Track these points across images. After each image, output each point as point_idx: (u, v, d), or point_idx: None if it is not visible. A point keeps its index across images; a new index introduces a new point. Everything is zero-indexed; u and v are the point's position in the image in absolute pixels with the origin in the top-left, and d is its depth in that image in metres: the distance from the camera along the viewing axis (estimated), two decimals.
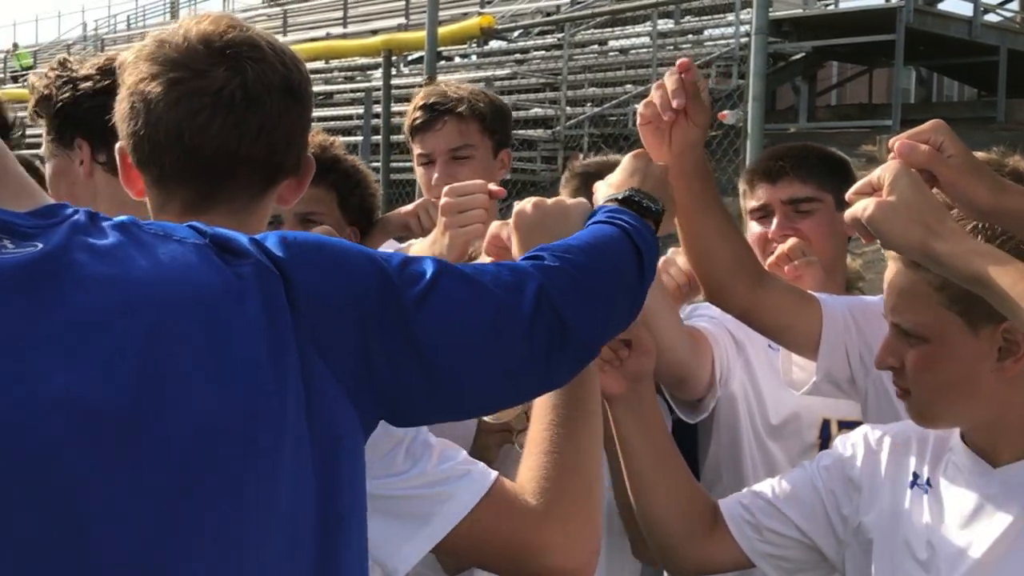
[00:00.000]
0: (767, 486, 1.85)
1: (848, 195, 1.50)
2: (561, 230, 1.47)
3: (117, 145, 1.46)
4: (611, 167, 1.93)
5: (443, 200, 2.03)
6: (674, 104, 1.78)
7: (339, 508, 1.10)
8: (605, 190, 1.62)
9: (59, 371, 0.94)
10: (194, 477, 0.99)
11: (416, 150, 2.63)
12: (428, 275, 1.17)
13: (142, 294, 1.00)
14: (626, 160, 1.67)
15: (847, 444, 1.80)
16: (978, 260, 1.35)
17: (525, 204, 1.56)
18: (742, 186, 2.50)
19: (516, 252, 1.53)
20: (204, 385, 1.00)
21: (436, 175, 2.52)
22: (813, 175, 2.43)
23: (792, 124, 12.16)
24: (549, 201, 1.55)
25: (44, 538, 0.93)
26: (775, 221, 2.41)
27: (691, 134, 1.84)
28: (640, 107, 1.85)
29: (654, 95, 1.83)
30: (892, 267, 1.62)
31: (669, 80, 1.81)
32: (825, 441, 2.29)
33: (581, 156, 2.68)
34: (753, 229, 2.44)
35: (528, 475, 1.41)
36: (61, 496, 0.93)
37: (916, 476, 1.70)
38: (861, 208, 1.44)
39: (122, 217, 1.08)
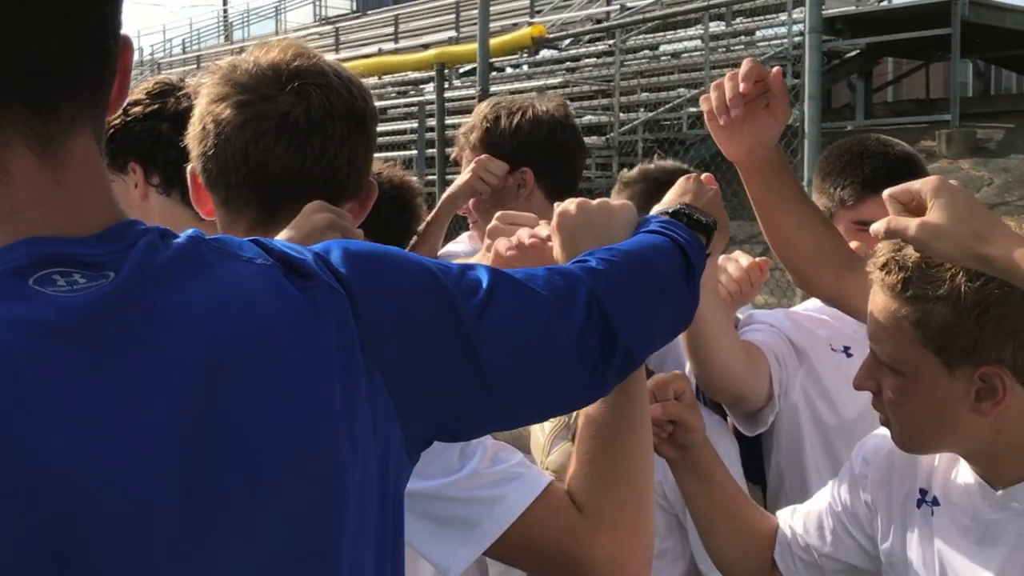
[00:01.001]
0: (800, 521, 1.83)
1: (885, 195, 1.47)
2: (606, 232, 1.45)
3: (188, 166, 1.50)
4: (661, 178, 1.94)
5: (492, 224, 2.07)
6: (732, 114, 1.78)
7: (395, 534, 1.09)
8: (657, 207, 1.59)
9: (128, 425, 0.90)
10: (267, 521, 0.96)
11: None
12: (485, 285, 1.16)
13: (209, 330, 0.96)
14: (679, 181, 1.64)
15: (859, 459, 1.77)
16: None
17: (568, 204, 1.52)
18: (844, 191, 2.43)
19: (557, 252, 1.51)
20: (273, 423, 0.97)
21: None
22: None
23: (849, 122, 12.04)
24: (594, 202, 1.51)
25: None
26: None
27: (769, 132, 1.83)
28: (701, 102, 1.85)
29: (711, 94, 1.83)
30: (875, 293, 1.58)
31: (728, 84, 1.80)
32: None
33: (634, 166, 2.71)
34: (851, 239, 2.31)
35: (577, 483, 1.39)
36: (141, 556, 0.90)
37: (924, 492, 1.67)
38: (905, 226, 1.42)
39: (189, 232, 1.05)
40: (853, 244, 2.34)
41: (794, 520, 1.85)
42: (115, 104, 1.06)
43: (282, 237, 1.55)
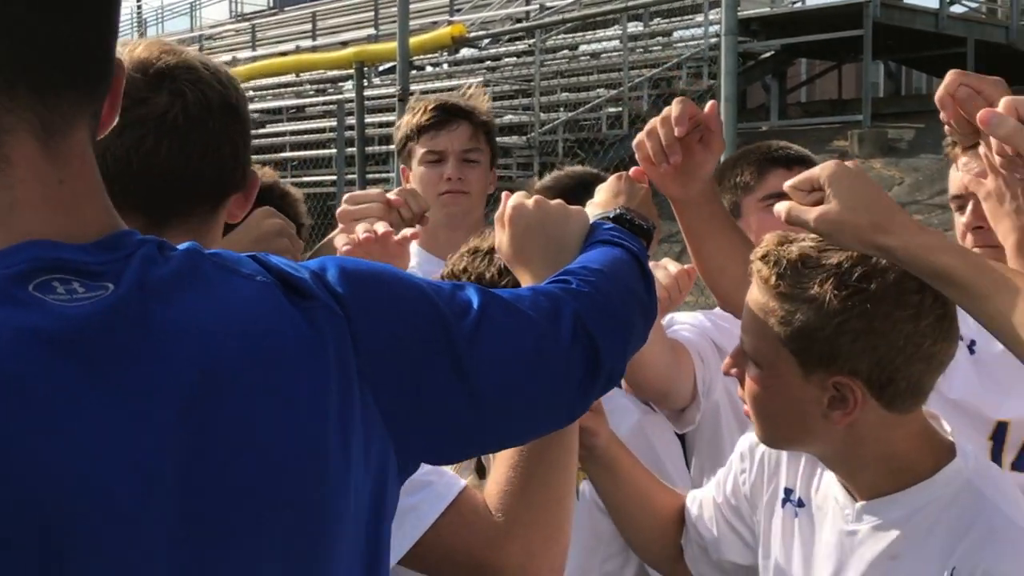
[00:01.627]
0: (697, 508, 1.85)
1: (787, 186, 1.49)
2: (559, 234, 1.46)
3: None
4: (572, 186, 1.94)
5: (341, 207, 2.07)
6: (672, 161, 1.76)
7: (382, 556, 1.09)
8: (589, 207, 1.59)
9: (127, 442, 0.89)
10: (260, 545, 0.96)
11: (422, 149, 2.73)
12: (476, 306, 1.16)
13: (210, 347, 0.95)
14: (610, 181, 1.65)
15: (738, 454, 1.80)
16: (933, 254, 1.34)
17: (524, 199, 1.51)
18: (744, 176, 2.50)
19: (504, 244, 1.50)
20: (269, 443, 0.96)
21: (449, 170, 2.58)
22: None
23: (764, 122, 12.22)
24: (552, 202, 1.51)
25: None
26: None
27: (704, 167, 1.83)
28: (635, 145, 1.83)
29: (646, 142, 1.80)
30: (753, 284, 1.58)
31: (663, 131, 1.77)
32: None
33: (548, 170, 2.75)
34: (765, 219, 2.40)
35: (495, 488, 1.39)
36: (127, 563, 0.89)
37: (788, 492, 1.68)
38: (805, 213, 1.43)
39: (187, 245, 1.03)
40: (768, 223, 2.39)
41: (694, 507, 1.87)
42: (105, 123, 1.05)
43: (229, 242, 1.52)
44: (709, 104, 1.81)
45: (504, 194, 1.57)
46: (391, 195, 2.04)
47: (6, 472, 0.84)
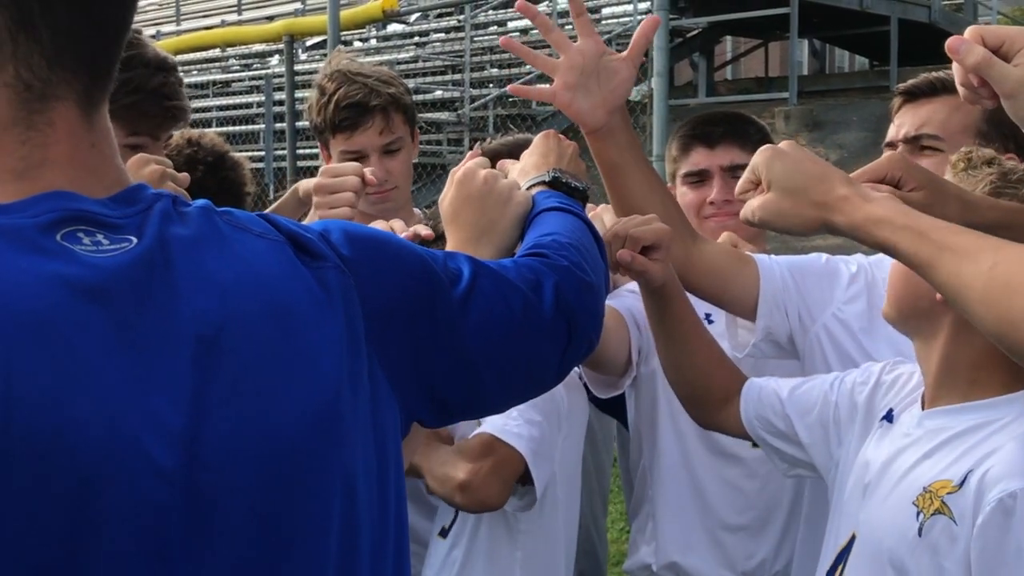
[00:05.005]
0: (788, 385, 1.90)
1: (736, 195, 1.51)
2: (495, 214, 1.50)
3: None
4: (518, 146, 1.96)
5: (317, 180, 2.07)
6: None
7: (392, 511, 1.11)
8: (520, 172, 1.62)
9: (150, 391, 0.90)
10: (273, 499, 0.97)
11: (339, 147, 2.61)
12: (467, 274, 1.19)
13: (227, 301, 0.97)
14: (537, 141, 1.66)
15: (869, 370, 1.84)
16: (877, 228, 1.34)
17: (479, 168, 1.55)
18: (671, 151, 2.53)
19: (444, 200, 1.56)
20: (289, 404, 0.98)
21: (372, 170, 2.56)
22: (749, 142, 2.47)
23: (692, 99, 12.31)
24: (503, 182, 1.54)
25: (133, 561, 0.89)
26: (716, 185, 2.43)
27: (626, 82, 1.86)
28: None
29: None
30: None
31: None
32: None
33: (488, 138, 2.71)
34: (684, 194, 2.47)
35: None
36: (148, 527, 0.89)
37: (890, 412, 1.75)
38: (750, 212, 1.45)
39: (200, 203, 1.05)
40: (686, 200, 2.44)
41: (768, 386, 1.90)
42: None
43: None
44: (648, 19, 1.87)
45: (471, 152, 1.63)
46: (367, 172, 2.04)
47: (40, 419, 0.84)
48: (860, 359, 2.05)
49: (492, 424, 2.00)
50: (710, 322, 2.34)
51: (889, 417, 1.75)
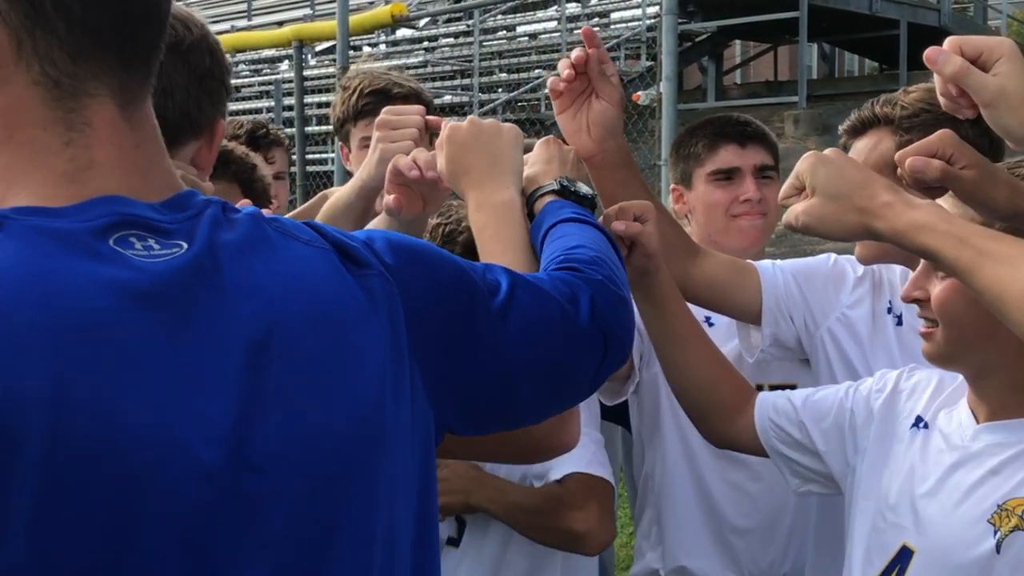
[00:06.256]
0: (802, 393, 1.89)
1: (780, 200, 1.51)
2: (494, 148, 1.54)
3: None
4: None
5: (380, 117, 2.06)
6: (563, 75, 1.79)
7: (430, 516, 1.12)
8: (528, 180, 1.61)
9: (198, 394, 0.91)
10: (322, 504, 0.97)
11: (360, 134, 2.67)
12: (505, 285, 1.20)
13: (276, 306, 0.98)
14: (538, 148, 1.67)
15: (885, 377, 1.83)
16: (919, 234, 1.34)
17: (458, 122, 1.59)
18: (695, 148, 2.50)
19: (442, 165, 1.58)
20: (335, 408, 0.99)
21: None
22: (771, 145, 2.50)
23: (701, 103, 12.31)
24: (485, 120, 1.59)
25: (175, 561, 0.89)
26: (749, 183, 2.43)
27: (606, 115, 1.83)
28: (550, 86, 1.86)
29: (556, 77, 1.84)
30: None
31: (567, 60, 1.82)
32: None
33: None
34: (711, 192, 2.46)
35: None
36: (194, 529, 0.90)
37: (919, 419, 1.74)
38: (793, 217, 1.45)
39: (249, 209, 1.05)
40: (714, 198, 2.43)
41: (782, 396, 1.89)
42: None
43: None
44: (584, 30, 1.86)
45: (444, 121, 1.64)
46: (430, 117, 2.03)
47: (93, 417, 0.85)
48: (861, 363, 2.05)
49: (577, 459, 1.97)
50: (711, 324, 2.35)
51: (920, 424, 1.74)
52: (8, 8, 0.94)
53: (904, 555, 1.64)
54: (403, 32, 15.39)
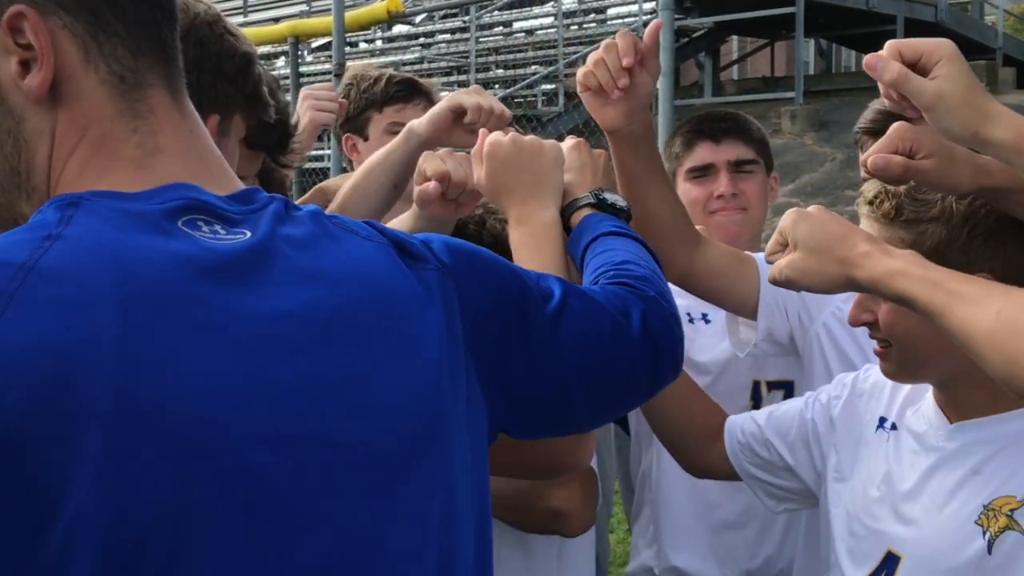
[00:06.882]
0: (765, 412, 1.91)
1: (766, 257, 1.55)
2: (535, 166, 1.55)
3: None
4: None
5: (465, 98, 1.98)
6: (620, 84, 1.74)
7: (485, 506, 1.13)
8: (564, 190, 1.60)
9: (262, 365, 0.94)
10: (381, 480, 0.99)
11: (389, 119, 2.75)
12: (558, 292, 1.23)
13: (339, 292, 1.02)
14: (569, 154, 1.64)
15: (843, 382, 1.85)
16: (895, 280, 1.38)
17: (500, 136, 1.59)
18: (675, 147, 2.54)
19: (481, 180, 1.58)
20: (395, 388, 1.02)
21: None
22: (752, 138, 2.50)
23: (697, 99, 12.31)
24: (526, 137, 1.59)
25: (237, 533, 0.90)
26: (723, 179, 2.45)
27: (643, 88, 1.79)
28: (580, 76, 1.81)
29: (596, 73, 1.77)
30: (865, 224, 1.62)
31: (609, 58, 1.76)
32: (757, 403, 2.35)
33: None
34: (689, 190, 2.48)
35: None
36: (255, 493, 0.91)
37: (883, 420, 1.75)
38: (777, 271, 1.49)
39: (310, 207, 1.10)
40: (691, 195, 2.44)
41: (747, 418, 1.91)
42: None
43: None
44: (652, 24, 1.80)
45: (481, 131, 1.63)
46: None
47: (157, 377, 0.88)
48: (858, 357, 2.05)
49: None
50: (707, 321, 2.34)
51: (886, 425, 1.74)
52: (72, 21, 1.01)
53: (890, 561, 1.64)
54: (399, 28, 15.38)
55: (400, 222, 1.82)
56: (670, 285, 1.46)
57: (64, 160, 1.02)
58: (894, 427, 1.73)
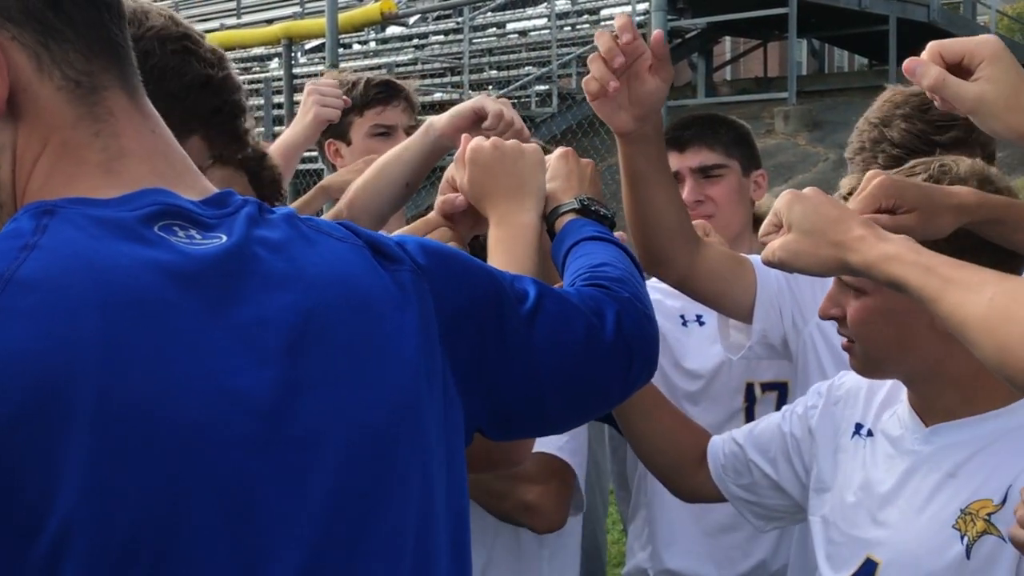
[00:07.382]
0: (746, 430, 1.92)
1: (760, 237, 1.53)
2: (516, 170, 1.55)
3: None
4: None
5: (489, 103, 1.95)
6: (615, 64, 1.72)
7: (463, 508, 1.14)
8: (549, 197, 1.59)
9: (240, 370, 0.95)
10: (359, 481, 1.00)
11: (370, 122, 2.78)
12: (533, 294, 1.23)
13: (314, 294, 1.02)
14: (556, 162, 1.63)
15: (818, 391, 1.86)
16: (888, 265, 1.36)
17: (481, 141, 1.59)
18: None
19: (464, 182, 1.58)
20: (371, 389, 1.02)
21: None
22: (720, 142, 2.51)
23: (691, 100, 12.32)
24: (507, 141, 1.60)
25: (221, 536, 0.91)
26: (687, 187, 2.48)
27: (656, 95, 1.79)
28: (584, 84, 1.80)
29: (593, 68, 1.75)
30: None
31: (601, 42, 1.74)
32: (751, 405, 2.36)
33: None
34: None
35: None
36: (237, 496, 0.92)
37: (859, 426, 1.76)
38: (770, 253, 1.48)
39: (285, 209, 1.11)
40: None
41: (727, 439, 1.91)
42: None
43: None
44: (655, 33, 1.80)
45: (464, 136, 1.63)
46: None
47: (141, 381, 0.89)
48: None
49: (548, 442, 1.99)
50: (701, 324, 2.34)
51: (862, 431, 1.75)
52: (20, 31, 1.00)
53: (868, 568, 1.65)
54: (392, 30, 15.37)
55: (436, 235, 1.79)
56: (669, 286, 1.47)
57: (28, 172, 1.01)
58: (870, 433, 1.74)
